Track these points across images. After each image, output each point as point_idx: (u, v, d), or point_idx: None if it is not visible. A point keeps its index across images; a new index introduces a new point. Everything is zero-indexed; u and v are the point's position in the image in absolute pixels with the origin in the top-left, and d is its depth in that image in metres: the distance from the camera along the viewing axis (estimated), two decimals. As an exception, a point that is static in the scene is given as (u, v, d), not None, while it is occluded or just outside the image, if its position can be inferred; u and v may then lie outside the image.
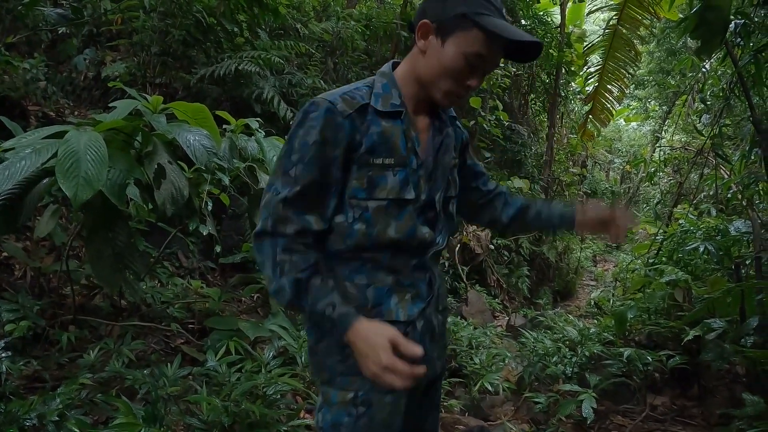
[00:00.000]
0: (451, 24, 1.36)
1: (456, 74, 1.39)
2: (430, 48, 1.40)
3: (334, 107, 1.34)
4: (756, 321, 3.16)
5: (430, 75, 1.41)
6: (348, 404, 1.41)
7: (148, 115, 2.39)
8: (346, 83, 6.39)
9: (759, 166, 5.13)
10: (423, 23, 1.40)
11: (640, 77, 15.11)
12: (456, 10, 1.35)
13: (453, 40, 1.36)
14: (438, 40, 1.38)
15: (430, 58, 1.40)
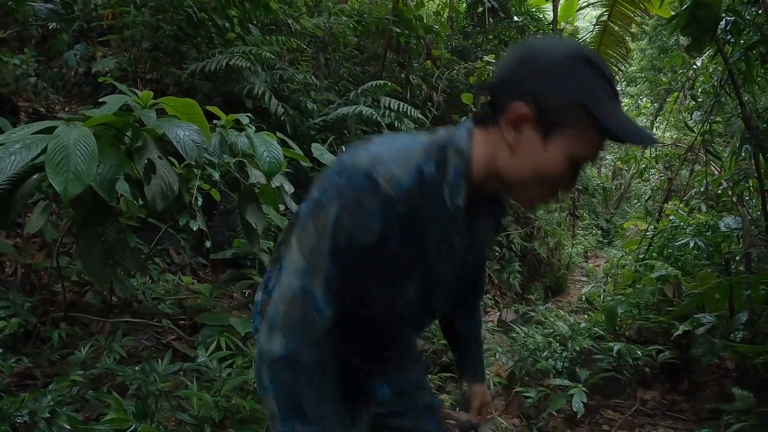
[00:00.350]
0: (561, 117, 1.01)
1: (554, 181, 1.07)
2: (523, 143, 1.04)
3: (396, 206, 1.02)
4: (745, 316, 3.20)
5: (518, 179, 1.07)
6: None
7: (138, 110, 2.38)
8: (338, 79, 6.35)
9: (749, 162, 5.17)
10: (518, 111, 1.02)
11: (632, 74, 15.17)
12: (570, 98, 1.00)
13: (560, 140, 1.02)
14: (537, 136, 1.02)
15: (522, 157, 1.05)
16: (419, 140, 1.10)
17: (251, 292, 4.23)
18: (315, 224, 1.03)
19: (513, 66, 1.05)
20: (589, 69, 1.01)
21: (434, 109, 7.67)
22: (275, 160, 2.66)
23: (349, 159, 1.04)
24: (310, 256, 1.04)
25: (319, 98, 5.70)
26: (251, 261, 4.24)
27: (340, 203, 1.01)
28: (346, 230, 1.01)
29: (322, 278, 1.03)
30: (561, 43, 1.06)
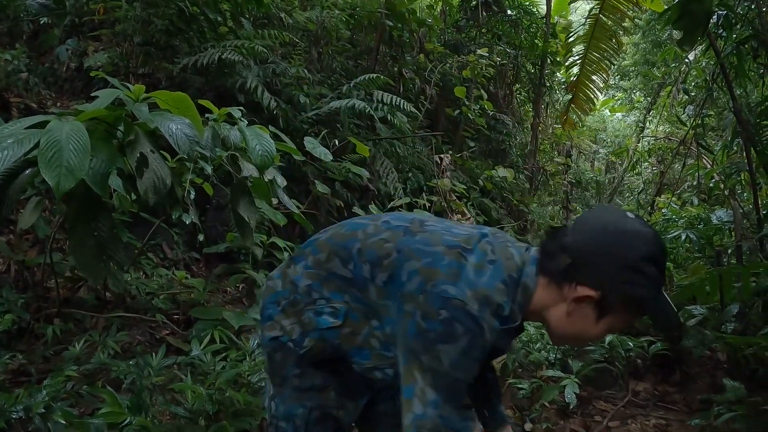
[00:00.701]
0: (619, 304, 1.21)
1: (590, 341, 1.35)
2: (578, 314, 1.24)
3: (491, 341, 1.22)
4: (736, 308, 3.23)
5: (564, 334, 1.31)
6: (302, 399, 1.44)
7: (130, 104, 2.37)
8: (330, 73, 6.34)
9: (740, 156, 5.21)
10: (586, 294, 1.21)
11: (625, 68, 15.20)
12: (634, 294, 1.18)
13: (611, 319, 1.24)
14: (593, 313, 1.23)
15: (573, 323, 1.26)
16: (500, 274, 1.24)
17: (245, 286, 4.24)
18: (431, 363, 1.19)
19: (597, 253, 1.20)
20: (655, 269, 1.18)
21: (427, 103, 7.68)
22: (267, 154, 2.66)
23: (453, 293, 1.18)
24: (437, 389, 1.19)
25: (312, 92, 5.69)
26: (244, 255, 4.25)
27: (457, 347, 1.17)
28: (464, 369, 1.19)
29: (455, 404, 1.21)
30: (643, 239, 1.19)
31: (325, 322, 1.37)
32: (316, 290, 1.40)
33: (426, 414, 1.19)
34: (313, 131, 5.33)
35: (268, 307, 1.48)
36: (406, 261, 1.27)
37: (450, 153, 7.52)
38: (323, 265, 1.40)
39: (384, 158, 6.19)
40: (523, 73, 11.23)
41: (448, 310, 1.16)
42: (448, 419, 1.19)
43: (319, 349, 1.40)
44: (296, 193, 4.92)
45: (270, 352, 1.46)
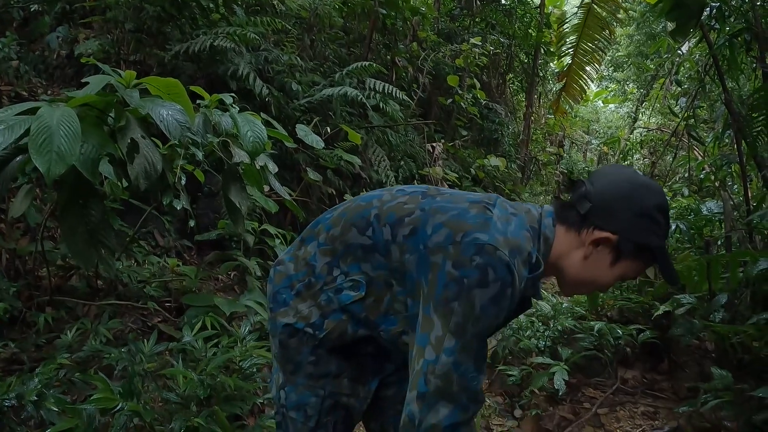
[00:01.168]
0: (633, 249, 1.28)
1: (601, 288, 1.38)
2: (595, 257, 1.31)
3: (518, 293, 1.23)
4: (725, 298, 3.25)
5: (577, 279, 1.35)
6: (315, 387, 1.43)
7: (121, 90, 2.36)
8: (323, 60, 6.31)
9: (731, 148, 5.24)
10: (606, 237, 1.27)
11: (619, 59, 15.23)
12: (646, 240, 1.27)
13: (624, 264, 1.30)
14: (609, 257, 1.30)
15: (589, 267, 1.32)
16: (524, 224, 1.29)
17: (236, 274, 4.23)
18: (462, 308, 1.17)
19: (615, 199, 1.28)
20: (664, 219, 1.28)
21: (420, 91, 7.67)
22: (259, 140, 2.65)
23: (486, 239, 1.19)
24: (459, 335, 1.18)
25: (304, 80, 5.67)
26: (236, 243, 4.24)
27: (489, 291, 1.16)
28: (491, 316, 1.19)
29: (473, 354, 1.19)
30: (654, 191, 1.29)
31: (348, 297, 1.35)
32: (335, 267, 1.38)
33: (439, 360, 1.18)
34: (305, 119, 5.31)
35: (281, 292, 1.44)
36: (431, 216, 1.27)
37: (442, 141, 7.53)
38: (338, 239, 1.38)
39: (376, 146, 6.19)
40: (517, 63, 11.24)
41: (481, 256, 1.17)
42: (461, 367, 1.18)
43: (339, 332, 1.37)
44: (288, 181, 4.91)
45: (283, 339, 1.42)
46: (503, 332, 4.13)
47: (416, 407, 1.19)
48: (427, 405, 1.18)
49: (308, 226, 1.51)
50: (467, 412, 1.21)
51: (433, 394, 1.18)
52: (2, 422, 2.26)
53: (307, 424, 1.44)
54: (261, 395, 2.79)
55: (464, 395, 1.19)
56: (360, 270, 1.35)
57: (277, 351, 1.47)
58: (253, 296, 3.52)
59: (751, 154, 3.55)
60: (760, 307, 3.05)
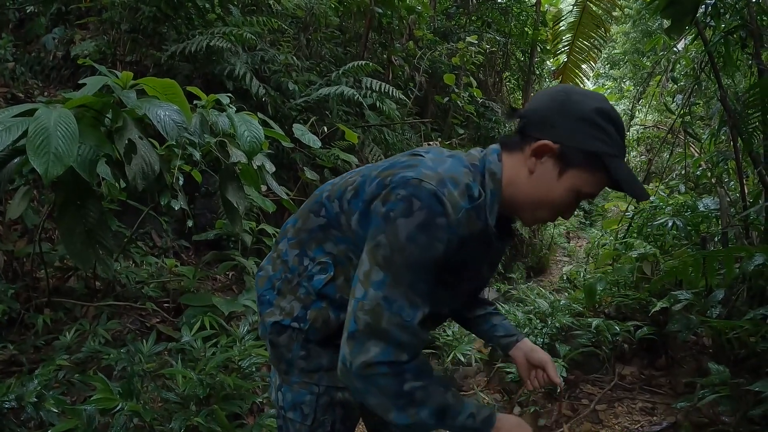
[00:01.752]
0: (578, 157, 1.20)
1: (558, 207, 1.27)
2: (540, 171, 1.24)
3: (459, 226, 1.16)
4: (721, 294, 3.26)
5: (529, 200, 1.27)
6: (310, 384, 1.42)
7: (118, 91, 2.37)
8: (319, 60, 6.30)
9: (728, 144, 5.24)
10: (544, 144, 1.20)
11: (615, 57, 15.25)
12: (590, 146, 1.19)
13: (572, 174, 1.22)
14: (555, 168, 1.23)
15: (537, 182, 1.25)
16: (461, 162, 1.24)
17: (234, 274, 4.24)
18: (388, 238, 1.13)
19: (550, 108, 1.22)
20: (612, 126, 1.20)
21: (416, 90, 7.67)
22: (256, 140, 2.66)
23: (412, 174, 1.15)
24: (387, 268, 1.12)
25: (301, 79, 5.67)
26: (234, 243, 4.25)
27: (414, 219, 1.11)
28: (419, 245, 1.12)
29: (404, 288, 1.12)
30: (594, 97, 1.23)
31: (320, 281, 1.35)
32: (304, 256, 1.39)
33: (367, 294, 1.13)
34: (301, 118, 5.32)
35: (265, 294, 1.47)
36: (368, 177, 1.27)
37: (439, 140, 7.54)
38: (302, 229, 1.42)
39: (373, 145, 6.20)
40: (513, 61, 11.23)
41: (405, 189, 1.13)
42: (393, 304, 1.12)
43: (323, 320, 1.36)
44: (285, 180, 4.92)
45: (273, 338, 1.43)
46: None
47: (347, 349, 1.14)
48: (357, 344, 1.13)
49: (280, 230, 1.53)
50: (402, 350, 1.13)
51: (362, 332, 1.12)
52: (2, 424, 2.26)
53: (305, 423, 1.44)
54: (260, 394, 2.80)
55: (397, 332, 1.12)
56: (324, 251, 1.37)
57: (270, 352, 1.47)
58: (251, 296, 3.54)
59: (746, 150, 3.56)
60: (757, 302, 3.06)
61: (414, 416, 1.16)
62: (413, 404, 1.15)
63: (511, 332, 1.69)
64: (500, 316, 1.72)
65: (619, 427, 3.27)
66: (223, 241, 4.35)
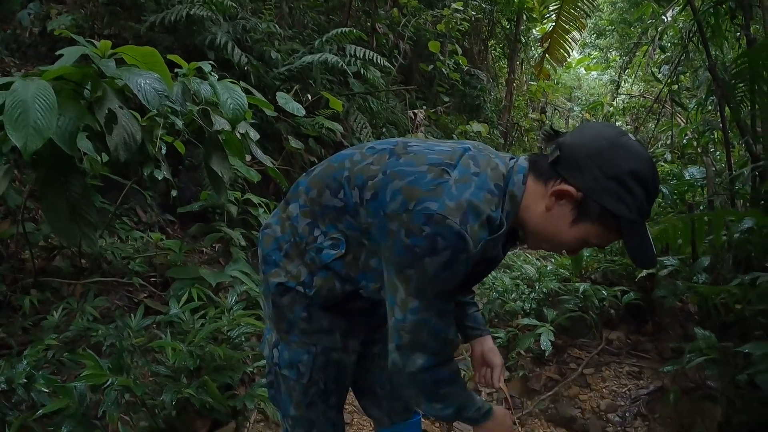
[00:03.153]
0: (596, 213, 1.20)
1: (562, 248, 1.34)
2: (556, 212, 1.24)
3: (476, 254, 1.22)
4: (707, 260, 3.29)
5: (538, 232, 1.31)
6: (308, 344, 1.47)
7: (96, 60, 2.30)
8: (302, 28, 6.18)
9: (714, 114, 5.26)
10: (567, 190, 1.20)
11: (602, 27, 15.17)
12: (611, 207, 1.18)
13: (586, 226, 1.23)
14: (571, 215, 1.23)
15: (550, 221, 1.26)
16: (485, 184, 1.24)
17: (220, 246, 4.21)
18: (417, 274, 1.22)
19: (588, 152, 1.19)
20: (642, 190, 1.17)
21: (401, 58, 7.59)
22: (239, 107, 2.61)
23: (435, 209, 1.18)
24: (419, 296, 1.24)
25: (283, 48, 5.57)
26: (219, 214, 4.21)
27: (440, 259, 1.18)
28: (445, 280, 1.22)
29: (435, 311, 1.26)
30: (636, 157, 1.18)
31: (329, 256, 1.38)
32: (315, 227, 1.41)
33: (406, 318, 1.27)
34: (285, 87, 5.24)
35: (271, 254, 1.48)
36: (390, 182, 1.27)
37: (424, 108, 7.49)
38: (316, 201, 1.41)
39: (358, 113, 6.14)
40: (498, 29, 11.14)
41: (430, 227, 1.17)
42: (428, 323, 1.27)
43: (328, 288, 1.41)
44: (270, 150, 4.86)
45: (276, 298, 1.46)
46: (489, 296, 4.17)
47: (397, 356, 1.31)
48: (404, 355, 1.30)
49: (290, 188, 1.54)
50: (440, 355, 1.31)
51: (407, 346, 1.29)
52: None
53: (300, 381, 1.48)
54: (251, 364, 2.80)
55: (433, 343, 1.29)
56: (337, 229, 1.38)
57: (271, 311, 1.50)
58: (238, 266, 3.52)
59: (734, 119, 3.56)
60: (742, 269, 3.09)
61: (439, 411, 1.37)
62: (441, 402, 1.36)
63: (479, 326, 1.78)
64: (475, 307, 1.80)
65: (607, 390, 3.33)
66: (208, 213, 4.30)
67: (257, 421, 2.89)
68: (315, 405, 1.53)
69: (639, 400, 3.19)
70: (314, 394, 1.51)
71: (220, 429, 2.63)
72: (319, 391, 1.51)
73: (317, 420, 1.55)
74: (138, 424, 2.40)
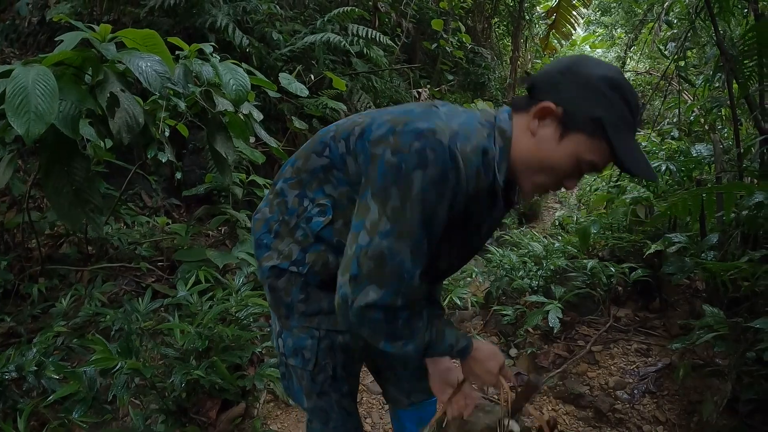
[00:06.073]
0: (579, 121, 1.19)
1: (558, 173, 1.25)
2: (542, 133, 1.23)
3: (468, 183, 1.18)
4: (716, 237, 3.26)
5: (529, 163, 1.26)
6: (310, 328, 1.42)
7: (96, 44, 2.28)
8: (303, 9, 6.11)
9: (722, 91, 5.18)
10: (546, 106, 1.20)
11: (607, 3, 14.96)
12: (594, 112, 1.17)
13: (573, 139, 1.20)
14: (556, 131, 1.22)
15: (538, 144, 1.24)
16: (475, 117, 1.26)
17: (226, 228, 4.21)
18: (400, 191, 1.14)
19: (559, 71, 1.23)
20: (617, 96, 1.18)
21: (404, 36, 7.51)
22: (242, 87, 2.60)
23: (425, 126, 1.15)
24: (395, 220, 1.14)
25: (285, 28, 5.52)
26: (224, 197, 4.20)
27: (428, 173, 1.12)
28: (430, 200, 1.14)
29: (409, 242, 1.15)
30: (605, 67, 1.21)
31: (318, 224, 1.34)
32: (304, 197, 1.38)
33: (372, 242, 1.15)
34: (287, 68, 5.20)
35: (261, 238, 1.45)
36: (377, 118, 1.26)
37: (428, 86, 7.43)
38: (302, 169, 1.39)
39: (361, 92, 6.09)
40: (502, 7, 11.00)
41: (419, 141, 1.13)
42: (397, 255, 1.15)
43: (322, 263, 1.35)
44: (273, 132, 4.84)
45: (271, 282, 1.42)
46: (496, 273, 4.16)
47: (349, 289, 1.17)
48: (358, 287, 1.16)
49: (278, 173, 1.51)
50: (398, 297, 1.17)
51: (365, 276, 1.16)
52: (5, 395, 2.26)
53: (306, 368, 1.45)
54: (259, 344, 2.81)
55: (396, 281, 1.16)
56: (324, 193, 1.35)
57: (269, 297, 1.47)
58: (245, 248, 3.52)
59: (742, 95, 3.50)
60: (751, 246, 3.07)
61: (400, 348, 1.26)
62: (400, 339, 1.24)
63: None
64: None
65: (615, 367, 3.33)
66: (213, 195, 4.30)
67: (267, 401, 2.91)
68: (327, 394, 1.49)
69: (647, 377, 3.18)
70: (323, 382, 1.47)
71: (230, 409, 2.65)
72: (329, 378, 1.47)
73: (331, 410, 1.52)
74: (148, 407, 2.42)
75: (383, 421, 2.95)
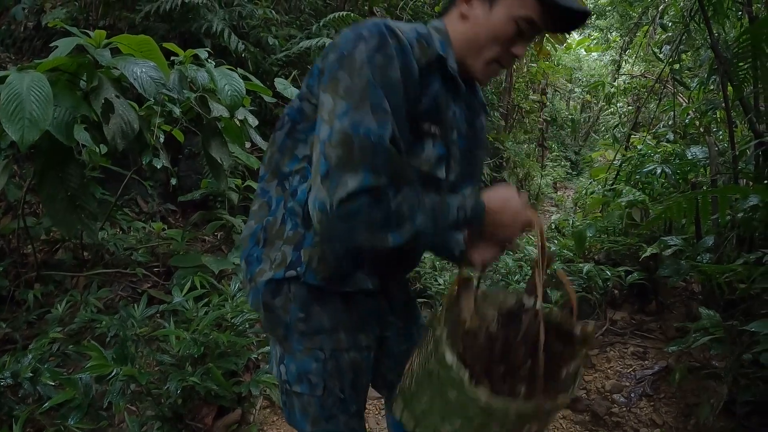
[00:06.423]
0: None
1: (504, 41, 1.25)
2: (473, 12, 1.26)
3: (411, 50, 1.15)
4: (711, 240, 3.27)
5: (474, 42, 1.27)
6: (313, 350, 1.30)
7: (91, 50, 2.28)
8: (298, 13, 6.13)
9: (716, 93, 5.20)
10: None
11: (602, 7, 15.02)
12: None
13: (502, 3, 1.23)
14: (484, 3, 1.24)
15: (473, 24, 1.26)
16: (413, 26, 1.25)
17: (222, 234, 4.21)
18: (346, 70, 1.08)
19: None
20: None
21: (399, 42, 7.50)
22: (237, 93, 2.60)
23: (358, 23, 1.15)
24: (349, 96, 1.07)
25: (281, 33, 5.53)
26: (220, 202, 4.20)
27: (368, 44, 1.09)
28: (378, 64, 1.08)
29: (367, 107, 1.05)
30: None
31: (304, 191, 1.25)
32: (283, 179, 1.30)
33: (333, 129, 1.05)
34: (283, 73, 5.21)
35: (251, 253, 1.34)
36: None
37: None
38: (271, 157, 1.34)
39: (356, 97, 6.08)
40: (497, 10, 11.02)
41: (353, 31, 1.13)
42: (358, 125, 1.04)
43: (318, 258, 1.24)
44: (268, 138, 4.83)
45: (267, 300, 1.29)
46: (492, 278, 4.16)
47: (323, 191, 1.04)
48: (332, 182, 1.03)
49: None
50: (379, 174, 1.03)
51: (335, 167, 1.03)
52: (1, 402, 2.25)
53: (315, 394, 1.32)
54: (255, 350, 2.80)
55: (370, 156, 1.03)
56: (299, 158, 1.28)
57: (265, 319, 1.34)
58: (240, 253, 3.50)
59: (737, 97, 3.52)
60: (746, 249, 3.07)
61: (410, 229, 1.09)
62: (406, 218, 1.08)
63: None
64: None
65: (612, 371, 3.33)
66: (209, 201, 4.29)
67: (263, 407, 2.90)
68: (335, 417, 1.35)
69: (644, 380, 3.19)
70: (332, 406, 1.34)
71: (226, 416, 2.64)
72: (337, 401, 1.34)
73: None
74: (144, 413, 2.41)
75: (380, 426, 2.94)
